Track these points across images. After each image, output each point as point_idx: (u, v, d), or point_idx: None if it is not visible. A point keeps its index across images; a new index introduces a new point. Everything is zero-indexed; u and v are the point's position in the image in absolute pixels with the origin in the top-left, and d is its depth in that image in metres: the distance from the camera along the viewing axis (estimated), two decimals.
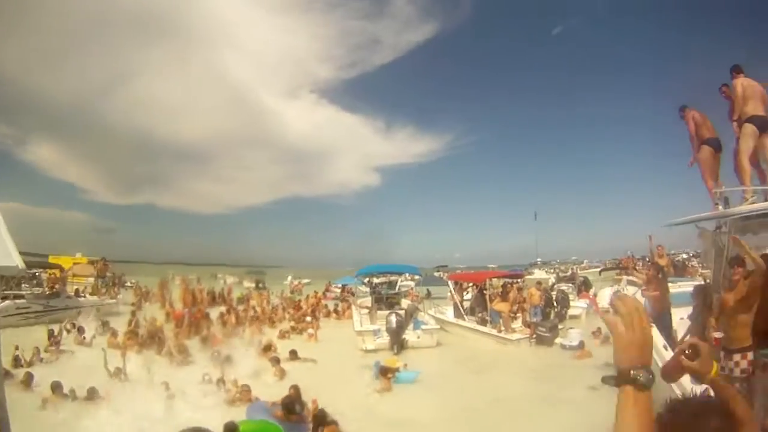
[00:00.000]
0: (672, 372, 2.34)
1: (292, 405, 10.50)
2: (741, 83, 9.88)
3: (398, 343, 19.38)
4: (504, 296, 22.83)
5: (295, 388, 11.18)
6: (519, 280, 29.20)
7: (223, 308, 29.99)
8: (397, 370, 15.26)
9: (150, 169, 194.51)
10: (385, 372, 14.93)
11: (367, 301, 25.15)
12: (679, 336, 10.21)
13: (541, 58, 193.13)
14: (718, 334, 7.40)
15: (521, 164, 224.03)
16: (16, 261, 3.70)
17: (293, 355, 17.61)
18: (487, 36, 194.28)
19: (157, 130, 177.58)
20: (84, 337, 20.14)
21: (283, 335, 22.37)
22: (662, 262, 16.87)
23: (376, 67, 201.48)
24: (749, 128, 9.56)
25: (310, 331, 22.87)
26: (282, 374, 15.44)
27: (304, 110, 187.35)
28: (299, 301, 33.95)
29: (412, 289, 31.85)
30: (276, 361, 16.14)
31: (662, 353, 8.36)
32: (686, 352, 2.20)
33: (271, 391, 12.56)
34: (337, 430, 9.61)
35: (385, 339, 19.73)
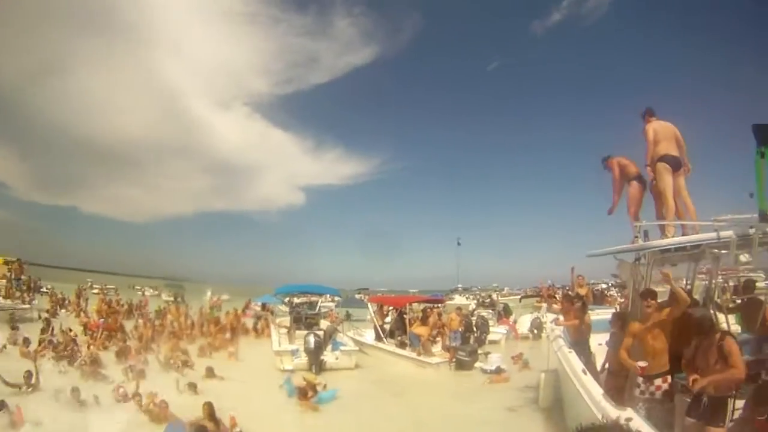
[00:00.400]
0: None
1: (203, 428, 10.28)
2: (653, 127, 10.34)
3: (317, 364, 19.08)
4: (424, 320, 22.84)
5: (209, 405, 10.92)
6: (439, 305, 29.11)
7: (140, 321, 29.38)
8: (316, 386, 15.00)
9: (76, 168, 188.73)
10: (305, 392, 14.65)
11: (286, 320, 25.00)
12: (598, 361, 10.57)
13: (474, 89, 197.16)
14: (642, 363, 7.53)
15: (447, 190, 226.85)
16: None
17: (210, 372, 17.23)
18: (424, 63, 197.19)
19: (87, 128, 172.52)
20: None
21: (203, 352, 21.86)
22: (581, 291, 17.18)
23: (312, 86, 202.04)
24: (662, 166, 9.98)
25: (231, 349, 22.41)
26: (196, 391, 15.00)
27: (235, 123, 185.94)
28: (217, 317, 33.44)
29: (332, 310, 31.82)
30: (193, 385, 15.48)
31: (581, 378, 8.65)
32: None
33: (189, 408, 12.07)
34: None
35: (303, 359, 19.40)
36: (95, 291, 45.72)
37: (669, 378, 7.66)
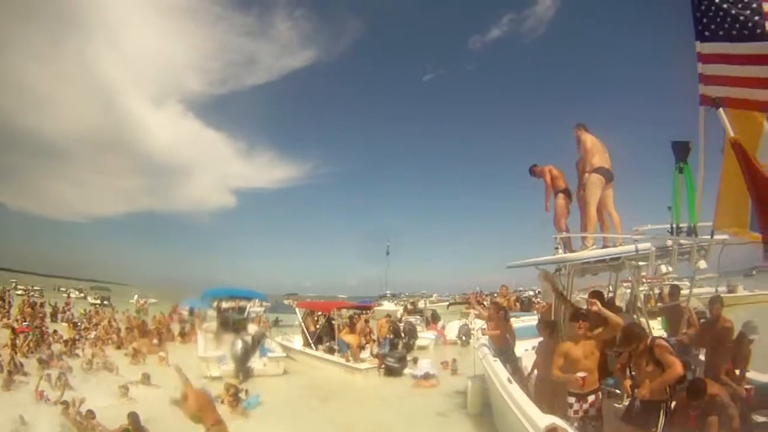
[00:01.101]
0: None
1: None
2: (590, 138, 10.54)
3: (243, 371, 18.82)
4: (351, 327, 22.92)
5: (133, 416, 10.77)
6: (368, 311, 29.37)
7: (63, 324, 28.77)
8: (238, 392, 14.81)
9: (4, 160, 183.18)
10: (230, 398, 14.40)
11: (213, 325, 24.71)
12: (526, 368, 10.78)
13: (409, 97, 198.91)
14: (582, 374, 7.48)
15: (377, 196, 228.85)
16: None
17: (145, 378, 17.02)
18: (362, 70, 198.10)
19: (19, 118, 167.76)
20: None
21: (136, 359, 21.52)
22: (503, 302, 17.39)
23: (248, 87, 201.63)
24: (596, 178, 10.13)
25: (161, 354, 22.00)
26: (127, 396, 14.97)
27: (168, 120, 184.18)
28: (143, 321, 32.88)
29: (259, 315, 31.58)
30: (124, 388, 15.38)
31: (506, 387, 8.72)
32: None
33: (116, 416, 11.75)
34: None
35: (230, 366, 19.14)
36: (19, 292, 44.57)
37: (600, 394, 7.78)
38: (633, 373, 7.38)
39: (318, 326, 24.19)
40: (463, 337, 27.83)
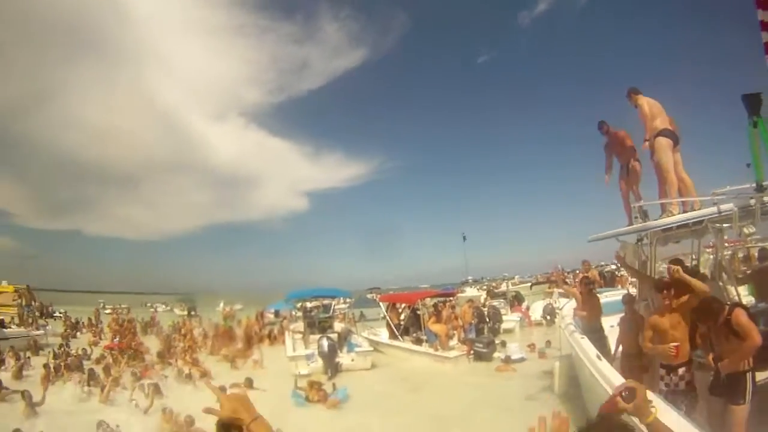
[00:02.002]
0: (610, 411, 2.36)
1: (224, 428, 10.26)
2: (647, 101, 10.20)
3: (332, 367, 19.05)
4: (437, 315, 22.54)
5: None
6: (451, 298, 29.02)
7: (153, 336, 29.54)
8: (322, 386, 15.24)
9: (76, 192, 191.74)
10: (318, 395, 14.88)
11: (300, 326, 24.88)
12: (612, 344, 10.43)
13: (467, 82, 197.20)
14: (674, 344, 7.26)
15: (449, 185, 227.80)
16: None
17: (249, 383, 17.22)
18: (414, 62, 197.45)
19: (84, 152, 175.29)
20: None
21: (235, 363, 22.10)
22: (588, 276, 17.00)
23: (305, 92, 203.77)
24: (663, 141, 9.77)
25: (255, 357, 22.34)
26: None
27: (232, 135, 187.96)
28: (230, 328, 33.55)
29: (344, 312, 31.78)
30: (222, 389, 15.61)
31: (596, 363, 8.49)
32: (623, 394, 2.29)
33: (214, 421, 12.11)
34: None
35: (318, 363, 19.34)
36: (107, 311, 45.89)
37: (691, 368, 7.44)
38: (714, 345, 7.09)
39: (402, 318, 24.20)
40: (548, 317, 27.51)
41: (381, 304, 27.51)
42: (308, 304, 28.45)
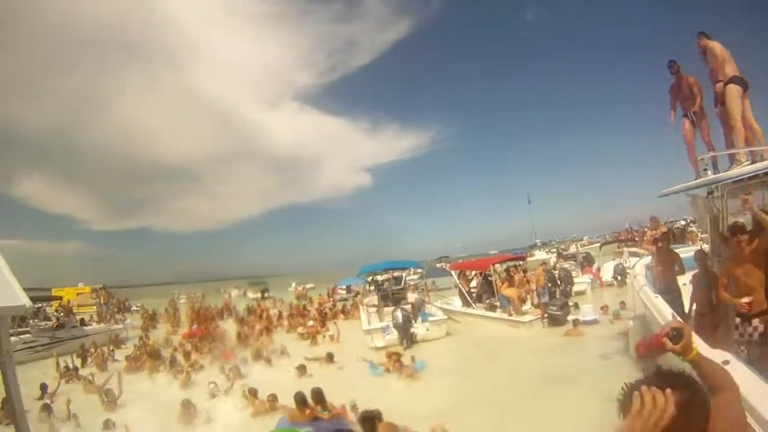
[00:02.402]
0: (653, 352, 2.42)
1: (301, 398, 10.68)
2: (718, 45, 9.82)
3: (407, 338, 19.34)
4: (509, 280, 22.68)
5: (317, 391, 11.02)
6: (521, 262, 29.24)
7: (231, 321, 30.33)
8: (400, 357, 15.49)
9: (140, 192, 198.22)
10: (389, 356, 15.42)
11: (374, 299, 25.39)
12: (685, 302, 10.16)
13: (518, 45, 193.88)
14: (747, 299, 7.14)
15: (509, 149, 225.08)
16: (23, 300, 3.73)
17: (330, 357, 17.85)
18: (461, 28, 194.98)
19: (143, 154, 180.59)
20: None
21: (315, 340, 22.73)
22: (654, 234, 16.49)
23: (356, 69, 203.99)
24: (734, 88, 9.45)
25: (331, 333, 23.00)
26: (306, 372, 15.90)
27: (287, 119, 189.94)
28: (304, 306, 34.20)
29: (416, 282, 31.96)
30: (302, 368, 16.28)
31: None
32: (671, 334, 2.28)
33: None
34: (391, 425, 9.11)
35: (394, 335, 19.62)
36: (182, 301, 47.09)
37: (765, 318, 7.21)
38: None
39: (473, 285, 24.50)
40: (619, 277, 27.16)
41: (452, 272, 27.73)
42: (379, 278, 28.76)
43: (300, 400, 10.74)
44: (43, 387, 15.92)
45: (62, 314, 27.77)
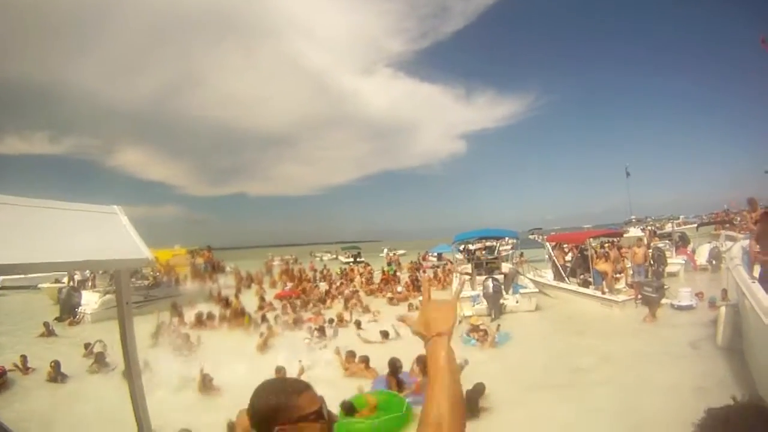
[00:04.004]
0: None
1: (394, 365, 11.25)
2: None
3: (495, 308, 19.52)
4: (606, 256, 22.28)
5: (392, 361, 11.53)
6: (619, 237, 28.70)
7: (322, 283, 31.47)
8: (479, 327, 15.88)
9: (237, 159, 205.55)
10: (472, 326, 15.88)
11: (468, 267, 25.32)
12: None
13: (618, 12, 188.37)
14: None
15: (607, 119, 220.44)
16: (145, 253, 3.84)
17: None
18: None
19: (239, 122, 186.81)
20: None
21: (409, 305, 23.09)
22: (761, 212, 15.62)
23: (449, 35, 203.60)
24: None
25: (411, 301, 23.60)
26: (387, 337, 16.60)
27: (381, 86, 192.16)
28: (394, 272, 35.30)
29: (510, 253, 32.11)
30: (385, 333, 16.90)
31: None
32: None
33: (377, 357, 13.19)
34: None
35: (483, 305, 19.82)
36: (276, 263, 48.64)
37: None
38: None
39: (568, 259, 24.49)
40: (713, 262, 26.51)
41: (547, 244, 27.61)
42: (471, 246, 29.23)
43: (393, 364, 11.37)
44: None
45: (159, 274, 29.23)
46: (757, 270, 10.44)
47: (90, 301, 23.47)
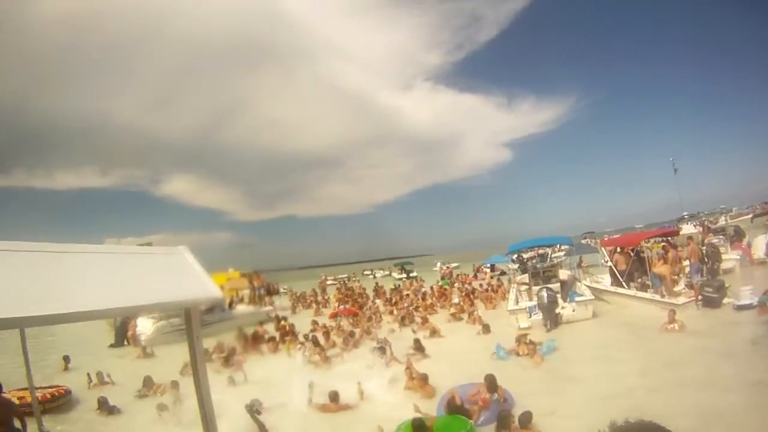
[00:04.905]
0: None
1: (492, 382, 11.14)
2: None
3: (551, 319, 19.38)
4: (664, 257, 21.77)
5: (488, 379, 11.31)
6: (675, 236, 28.28)
7: (379, 301, 31.84)
8: (524, 339, 15.87)
9: (283, 183, 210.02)
10: (518, 339, 15.92)
11: (525, 278, 25.19)
12: None
13: (655, 10, 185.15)
14: None
15: (650, 116, 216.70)
16: (215, 291, 4.10)
17: (486, 328, 19.49)
18: None
19: (284, 147, 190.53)
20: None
21: (473, 319, 22.69)
22: None
23: (484, 44, 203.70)
24: None
25: (477, 313, 23.26)
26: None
27: (422, 100, 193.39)
28: (446, 286, 35.72)
29: (561, 260, 31.92)
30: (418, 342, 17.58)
31: None
32: None
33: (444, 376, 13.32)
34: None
35: (540, 316, 19.70)
36: (330, 282, 49.27)
37: None
38: None
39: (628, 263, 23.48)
40: None
41: (603, 249, 27.40)
42: (524, 255, 29.37)
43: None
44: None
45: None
46: None
47: (145, 327, 23.95)
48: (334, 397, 12.46)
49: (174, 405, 12.81)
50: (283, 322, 24.57)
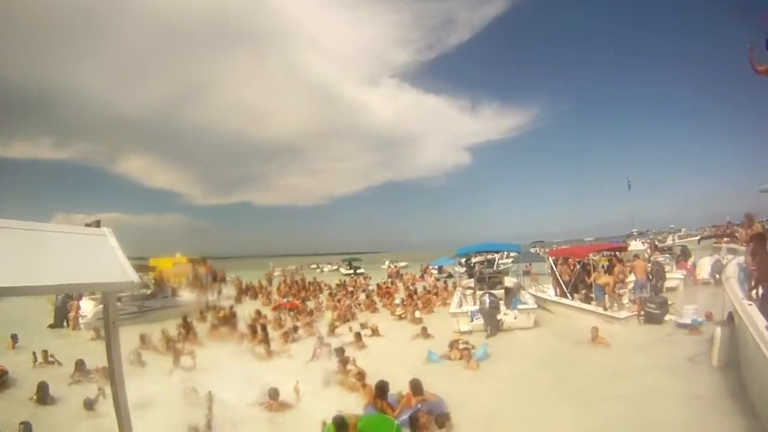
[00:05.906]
0: None
1: (382, 388, 10.74)
2: None
3: (492, 325, 19.18)
4: (610, 270, 22.08)
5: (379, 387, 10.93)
6: (622, 251, 28.51)
7: (322, 296, 31.52)
8: (459, 343, 15.78)
9: (242, 169, 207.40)
10: (451, 344, 15.77)
11: (471, 281, 25.15)
12: None
13: (622, 23, 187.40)
14: None
15: (610, 131, 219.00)
16: (131, 276, 3.92)
17: (424, 332, 19.02)
18: (561, 4, 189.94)
19: (246, 132, 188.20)
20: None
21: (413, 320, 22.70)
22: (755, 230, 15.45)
23: (454, 47, 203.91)
24: None
25: (417, 314, 23.36)
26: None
27: (387, 97, 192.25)
28: (392, 283, 35.77)
29: (508, 266, 32.05)
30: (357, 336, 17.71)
31: (764, 336, 7.68)
32: None
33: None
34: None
35: (481, 320, 19.52)
36: (276, 274, 48.80)
37: None
38: None
39: (572, 275, 23.73)
40: (717, 276, 24.82)
41: (549, 259, 27.14)
42: (473, 260, 29.22)
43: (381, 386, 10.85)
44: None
45: (153, 284, 29.15)
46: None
47: (86, 309, 23.30)
48: (273, 394, 11.99)
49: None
50: (223, 312, 23.79)
